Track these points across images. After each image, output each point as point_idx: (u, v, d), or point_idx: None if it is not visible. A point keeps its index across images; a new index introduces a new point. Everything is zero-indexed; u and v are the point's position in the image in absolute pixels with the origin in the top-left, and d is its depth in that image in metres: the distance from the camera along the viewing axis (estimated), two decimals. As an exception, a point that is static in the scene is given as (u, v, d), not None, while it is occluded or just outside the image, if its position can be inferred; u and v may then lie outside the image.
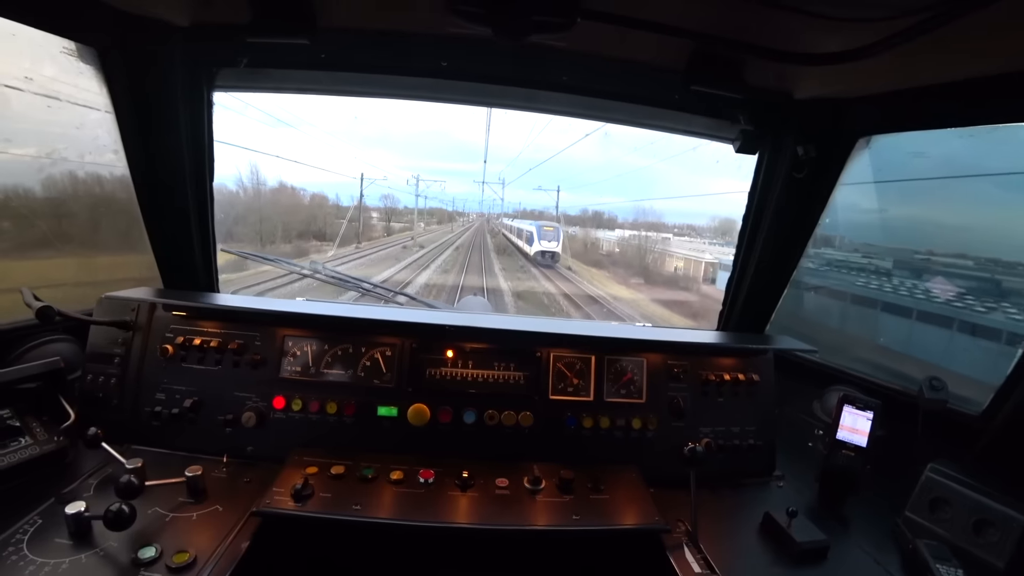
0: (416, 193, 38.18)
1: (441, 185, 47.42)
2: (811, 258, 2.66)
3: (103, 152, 1.93)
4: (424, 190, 40.68)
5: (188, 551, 1.17)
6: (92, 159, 1.94)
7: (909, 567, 1.39)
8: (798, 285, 2.43)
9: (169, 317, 1.74)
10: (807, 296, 2.67)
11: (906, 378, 2.00)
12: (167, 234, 2.05)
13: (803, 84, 1.75)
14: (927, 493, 1.55)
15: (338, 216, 32.12)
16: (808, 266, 2.47)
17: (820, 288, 2.77)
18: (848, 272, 2.94)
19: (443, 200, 54.50)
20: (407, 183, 37.11)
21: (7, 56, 1.65)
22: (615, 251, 34.20)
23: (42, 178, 1.87)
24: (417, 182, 38.65)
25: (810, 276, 2.61)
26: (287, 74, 1.97)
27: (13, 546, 1.14)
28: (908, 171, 2.16)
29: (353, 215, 26.02)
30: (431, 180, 40.21)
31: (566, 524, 1.43)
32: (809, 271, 2.55)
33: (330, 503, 1.40)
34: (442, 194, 53.44)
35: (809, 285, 2.65)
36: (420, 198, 45.02)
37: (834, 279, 2.90)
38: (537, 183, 68.48)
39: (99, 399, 1.67)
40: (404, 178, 38.29)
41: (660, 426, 1.78)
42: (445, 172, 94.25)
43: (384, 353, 1.76)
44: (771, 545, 1.43)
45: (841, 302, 3.01)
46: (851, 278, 2.96)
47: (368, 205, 36.60)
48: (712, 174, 25.67)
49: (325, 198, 31.87)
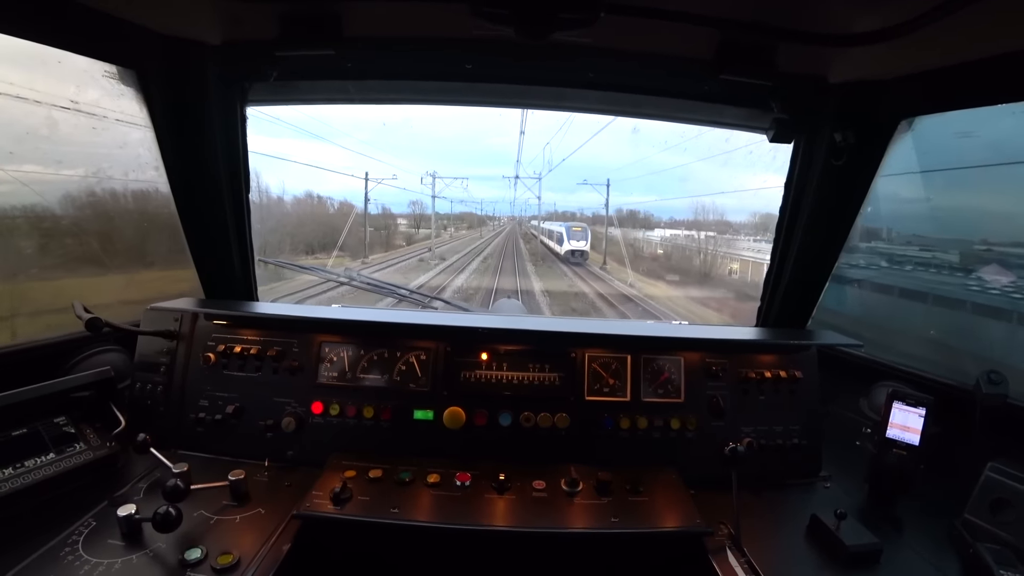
0: (433, 195, 32.39)
1: (463, 185, 42.13)
2: (863, 253, 2.51)
3: (145, 170, 2.01)
4: (443, 190, 35.27)
5: (232, 553, 1.20)
6: (135, 176, 2.04)
7: (970, 572, 1.31)
8: (869, 286, 2.31)
9: (210, 326, 1.80)
10: (875, 299, 2.54)
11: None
12: (207, 245, 2.12)
13: (839, 66, 1.68)
14: (988, 494, 1.45)
15: (364, 225, 32.01)
16: (859, 263, 2.35)
17: (889, 288, 2.61)
18: (915, 268, 2.73)
19: (471, 204, 50.29)
20: (421, 183, 32.04)
21: (56, 82, 1.75)
22: (658, 252, 30.74)
23: (90, 197, 1.97)
24: (433, 181, 32.68)
25: (869, 274, 2.49)
26: (315, 85, 2.01)
27: (69, 547, 1.20)
28: (954, 152, 2.04)
29: (359, 220, 22.82)
30: (449, 179, 36.62)
31: (605, 527, 1.40)
32: (865, 268, 2.43)
33: (368, 506, 1.42)
34: (468, 197, 49.23)
35: (874, 284, 2.52)
36: (446, 202, 41.28)
37: (900, 277, 2.71)
38: (567, 183, 67.39)
39: (147, 406, 1.74)
40: (419, 177, 33.21)
41: (699, 426, 1.74)
42: (476, 177, 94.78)
43: (419, 357, 1.78)
44: (818, 549, 1.37)
45: (924, 304, 2.80)
46: (921, 275, 2.73)
47: (395, 212, 35.11)
48: (746, 168, 24.63)
49: (352, 206, 31.35)
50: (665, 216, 30.32)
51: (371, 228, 31.19)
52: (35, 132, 1.76)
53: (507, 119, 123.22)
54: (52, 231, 1.92)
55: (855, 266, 2.60)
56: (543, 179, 32.18)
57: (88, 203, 1.99)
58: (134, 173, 2.01)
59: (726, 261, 21.30)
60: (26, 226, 1.84)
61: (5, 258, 1.81)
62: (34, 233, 1.87)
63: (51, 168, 1.83)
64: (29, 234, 1.86)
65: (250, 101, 1.96)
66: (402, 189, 31.81)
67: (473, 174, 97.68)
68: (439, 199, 36.66)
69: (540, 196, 34.24)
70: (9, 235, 1.82)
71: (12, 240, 1.82)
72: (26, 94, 1.69)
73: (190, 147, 1.92)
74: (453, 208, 45.00)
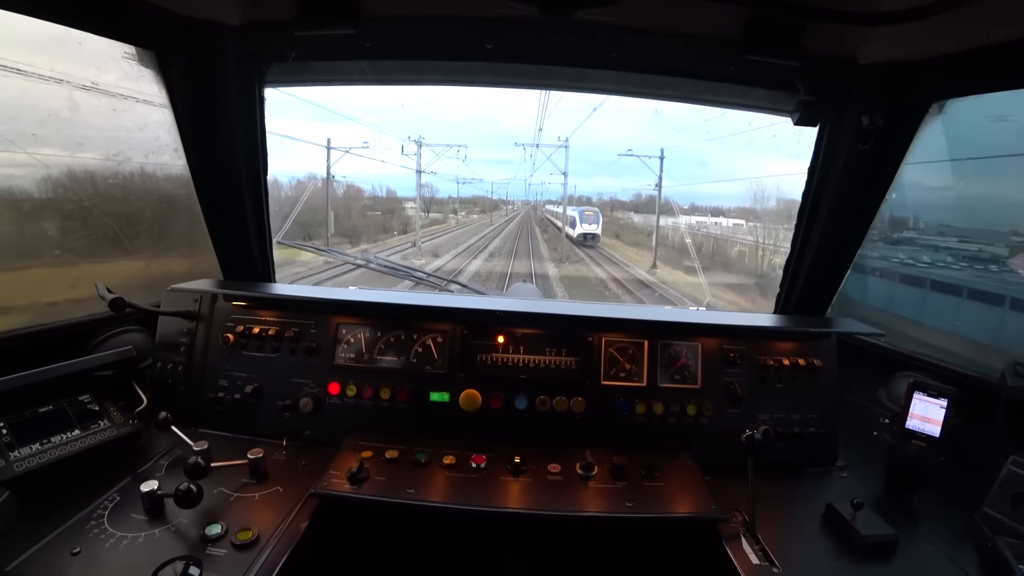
0: (418, 169, 23.69)
1: (458, 154, 25.76)
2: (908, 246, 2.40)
3: (164, 152, 2.02)
4: (432, 164, 26.10)
5: (251, 529, 1.23)
6: (154, 159, 2.05)
7: (987, 566, 1.29)
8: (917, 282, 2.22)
9: (229, 307, 1.82)
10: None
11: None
12: (225, 227, 2.14)
13: (869, 47, 1.63)
14: (1009, 488, 1.43)
15: (372, 209, 28.84)
16: (898, 257, 2.26)
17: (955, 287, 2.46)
18: (959, 261, 2.57)
19: (479, 186, 46.26)
20: (403, 152, 22.91)
21: (76, 64, 1.75)
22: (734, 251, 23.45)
23: (112, 179, 1.99)
24: (419, 151, 23.06)
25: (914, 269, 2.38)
26: (333, 66, 2.00)
27: (95, 520, 1.24)
28: (988, 137, 1.96)
29: (327, 199, 17.95)
30: (441, 147, 24.10)
31: (619, 511, 1.41)
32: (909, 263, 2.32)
33: (385, 486, 1.44)
34: (473, 176, 39.89)
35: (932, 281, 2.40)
36: (452, 183, 36.01)
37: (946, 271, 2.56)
38: (584, 168, 65.69)
39: (168, 385, 1.77)
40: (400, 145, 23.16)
41: (715, 412, 1.73)
42: (492, 161, 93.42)
43: (436, 340, 1.78)
44: (834, 538, 1.37)
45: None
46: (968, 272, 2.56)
47: (400, 196, 31.68)
48: (767, 153, 23.55)
49: (360, 190, 28.06)
50: (684, 202, 28.75)
51: (377, 212, 29.31)
52: (57, 114, 1.77)
53: (526, 104, 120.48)
54: (73, 214, 1.94)
55: (895, 260, 2.51)
56: (550, 156, 27.27)
57: (108, 185, 2.00)
58: (153, 156, 2.02)
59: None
60: (45, 209, 1.86)
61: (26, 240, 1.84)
62: (55, 216, 1.89)
63: (70, 150, 1.85)
64: (50, 217, 1.88)
65: (268, 82, 1.95)
66: (381, 161, 23.83)
67: (490, 158, 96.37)
68: (433, 176, 30.27)
69: (566, 172, 26.97)
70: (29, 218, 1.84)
71: (33, 223, 1.85)
72: (48, 74, 1.70)
73: (209, 129, 1.93)
74: (461, 191, 41.21)
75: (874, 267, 2.48)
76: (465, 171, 36.71)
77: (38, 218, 1.84)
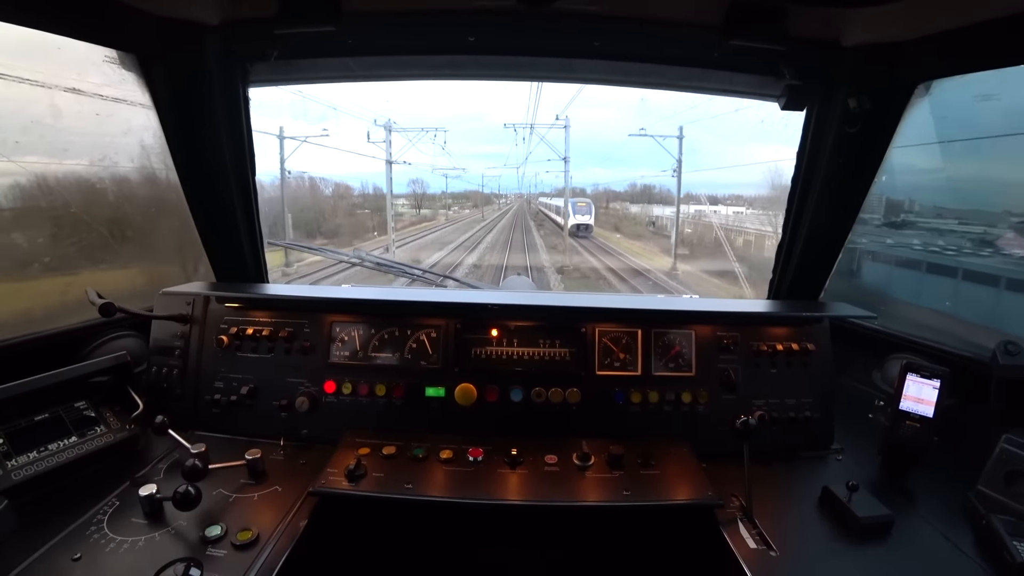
0: (388, 159, 19.05)
1: (435, 139, 19.94)
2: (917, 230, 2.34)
3: (150, 155, 2.01)
4: (403, 153, 20.94)
5: (251, 529, 1.23)
6: (141, 163, 2.03)
7: (982, 543, 1.30)
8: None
9: (222, 309, 1.82)
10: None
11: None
12: (215, 228, 2.13)
13: (852, 29, 1.62)
14: (1002, 466, 1.43)
15: (359, 207, 27.40)
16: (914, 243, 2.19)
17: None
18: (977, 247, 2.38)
19: (472, 181, 43.52)
20: (368, 139, 18.66)
21: (57, 68, 1.74)
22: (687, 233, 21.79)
23: (97, 185, 1.98)
24: (389, 137, 18.66)
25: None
26: (316, 63, 1.99)
27: (95, 525, 1.24)
28: (975, 117, 1.96)
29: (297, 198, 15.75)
30: (414, 132, 18.54)
31: (617, 500, 1.42)
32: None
33: (383, 482, 1.44)
34: (457, 167, 34.52)
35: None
36: (442, 178, 32.12)
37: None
38: (575, 160, 65.02)
39: (164, 389, 1.77)
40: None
41: (711, 400, 1.74)
42: (484, 155, 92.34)
43: (430, 335, 1.78)
44: (830, 520, 1.38)
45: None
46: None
47: (386, 192, 30.82)
48: (756, 139, 23.29)
49: (350, 188, 26.67)
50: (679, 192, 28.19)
51: (367, 211, 28.55)
52: (40, 121, 1.75)
53: (517, 96, 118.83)
54: (62, 220, 1.92)
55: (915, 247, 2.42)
56: (545, 137, 21.63)
57: (93, 191, 1.99)
58: (139, 160, 2.01)
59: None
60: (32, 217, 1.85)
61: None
62: (45, 224, 1.88)
63: (56, 157, 1.83)
64: (36, 226, 1.87)
65: (252, 82, 1.94)
66: (341, 151, 21.18)
67: (481, 152, 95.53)
68: (410, 168, 24.49)
69: (566, 156, 20.42)
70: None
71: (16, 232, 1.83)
72: (28, 77, 1.68)
73: (194, 130, 1.91)
74: (450, 185, 38.65)
75: (900, 256, 2.41)
76: (446, 160, 31.93)
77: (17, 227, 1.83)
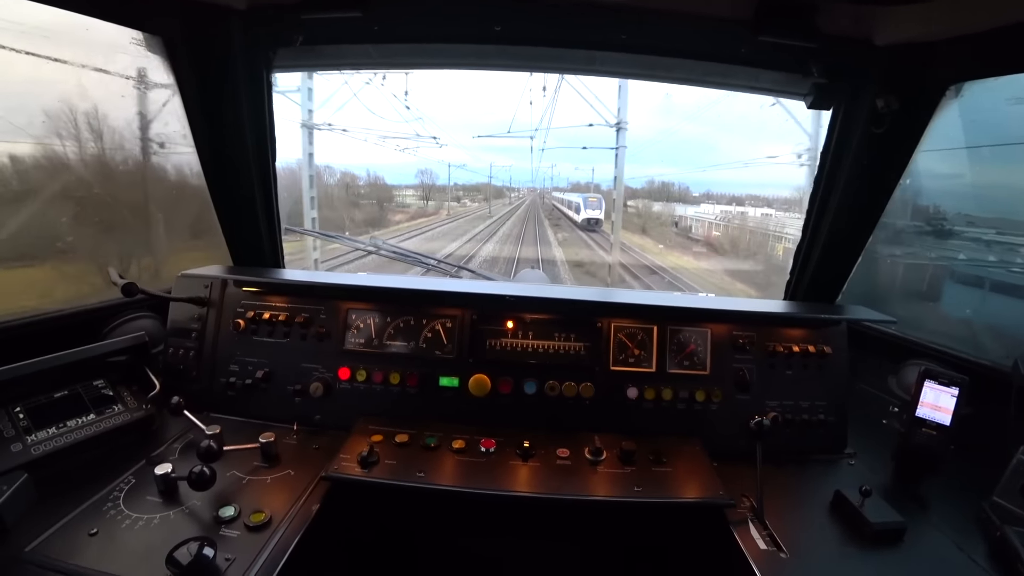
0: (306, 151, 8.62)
1: (425, 127, 21.62)
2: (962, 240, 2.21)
3: (174, 139, 2.03)
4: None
5: (264, 511, 1.24)
6: (167, 147, 2.05)
7: (996, 555, 1.28)
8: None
9: (240, 293, 1.83)
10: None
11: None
12: (235, 213, 2.14)
13: (885, 27, 1.59)
14: (1019, 477, 1.41)
15: (363, 197, 27.62)
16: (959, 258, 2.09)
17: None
18: None
19: (482, 173, 43.04)
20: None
21: (85, 50, 1.75)
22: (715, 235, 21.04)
23: (123, 168, 1.99)
24: None
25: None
26: (341, 49, 1.99)
27: (111, 502, 1.26)
28: (1007, 121, 1.91)
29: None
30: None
31: (627, 496, 1.41)
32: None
33: (395, 470, 1.45)
34: (461, 166, 34.38)
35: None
36: (449, 168, 30.90)
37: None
38: (588, 156, 63.84)
39: (180, 371, 1.79)
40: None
41: (724, 399, 1.73)
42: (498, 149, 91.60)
43: (445, 325, 1.79)
44: (841, 525, 1.36)
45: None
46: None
47: (389, 183, 29.96)
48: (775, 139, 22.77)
49: (355, 177, 27.01)
50: (697, 190, 27.24)
51: (370, 202, 28.17)
52: (66, 101, 1.77)
53: (535, 92, 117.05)
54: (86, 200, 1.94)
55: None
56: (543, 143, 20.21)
57: (116, 172, 2.01)
58: (165, 143, 2.03)
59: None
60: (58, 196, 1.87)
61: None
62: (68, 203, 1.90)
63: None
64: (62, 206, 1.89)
65: (276, 67, 1.94)
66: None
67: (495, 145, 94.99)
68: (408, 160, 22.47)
69: (622, 123, 18.32)
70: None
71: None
72: (56, 56, 1.69)
73: (217, 115, 1.93)
74: (460, 177, 38.47)
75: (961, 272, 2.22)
76: (441, 153, 31.40)
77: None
